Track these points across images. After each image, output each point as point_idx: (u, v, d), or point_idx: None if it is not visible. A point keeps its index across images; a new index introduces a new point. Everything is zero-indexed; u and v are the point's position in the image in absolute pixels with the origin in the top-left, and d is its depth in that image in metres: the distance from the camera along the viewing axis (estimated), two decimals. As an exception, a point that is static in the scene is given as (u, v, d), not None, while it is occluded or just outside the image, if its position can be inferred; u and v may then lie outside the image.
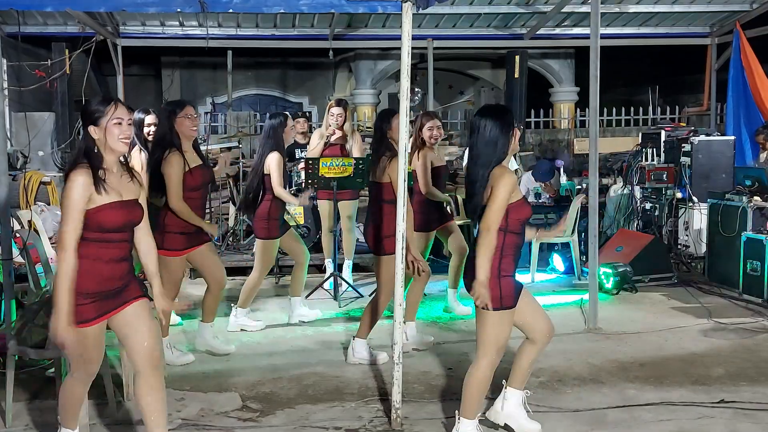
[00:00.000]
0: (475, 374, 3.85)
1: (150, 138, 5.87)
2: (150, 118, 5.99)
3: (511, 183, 3.70)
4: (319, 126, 7.76)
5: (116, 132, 3.36)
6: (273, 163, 5.96)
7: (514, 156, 8.07)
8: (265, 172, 6.00)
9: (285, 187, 6.10)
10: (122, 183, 3.43)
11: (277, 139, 6.03)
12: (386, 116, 5.32)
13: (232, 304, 6.26)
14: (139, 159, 5.74)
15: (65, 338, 3.30)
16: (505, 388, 4.09)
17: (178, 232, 5.16)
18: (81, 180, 3.28)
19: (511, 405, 4.08)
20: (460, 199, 8.38)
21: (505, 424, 4.10)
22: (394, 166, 5.05)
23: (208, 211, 6.73)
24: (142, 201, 3.55)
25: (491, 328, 3.76)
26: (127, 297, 3.48)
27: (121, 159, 3.49)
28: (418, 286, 5.72)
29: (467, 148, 3.99)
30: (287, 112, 6.40)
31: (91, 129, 3.37)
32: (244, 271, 8.38)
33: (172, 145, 5.10)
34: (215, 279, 5.41)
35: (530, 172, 9.42)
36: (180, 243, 5.18)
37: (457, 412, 3.91)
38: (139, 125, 5.84)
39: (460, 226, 6.75)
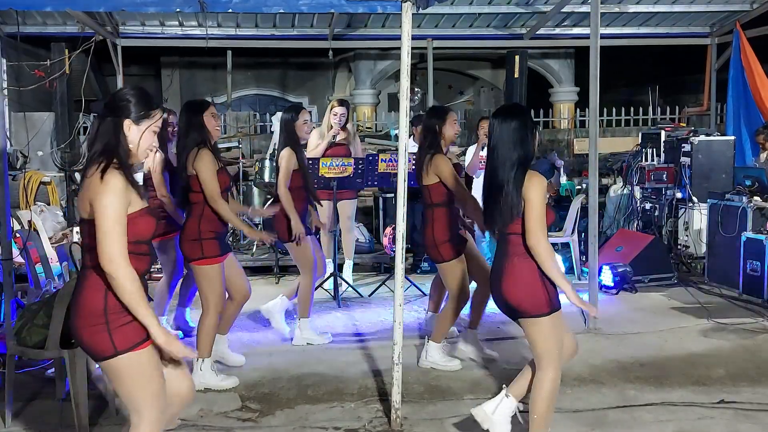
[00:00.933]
0: (542, 392, 3.58)
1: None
2: (174, 117, 5.83)
3: (544, 186, 3.53)
4: (319, 125, 7.73)
5: (150, 140, 2.99)
6: (282, 159, 5.64)
7: None
8: None
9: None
10: None
11: (289, 133, 5.67)
12: (441, 113, 5.12)
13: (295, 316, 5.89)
14: (152, 159, 5.54)
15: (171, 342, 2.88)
16: (506, 395, 3.81)
17: (214, 236, 4.75)
18: (121, 183, 2.82)
19: (502, 413, 3.80)
20: None
21: (487, 429, 3.81)
22: (438, 162, 4.97)
23: None
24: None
25: (549, 334, 3.57)
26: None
27: None
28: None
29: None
30: (300, 105, 6.07)
31: (128, 124, 2.92)
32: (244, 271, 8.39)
33: (203, 143, 4.76)
34: (241, 289, 5.06)
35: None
36: (217, 248, 4.76)
37: None
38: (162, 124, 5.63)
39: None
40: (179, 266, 5.75)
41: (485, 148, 6.38)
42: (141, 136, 2.95)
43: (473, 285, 5.25)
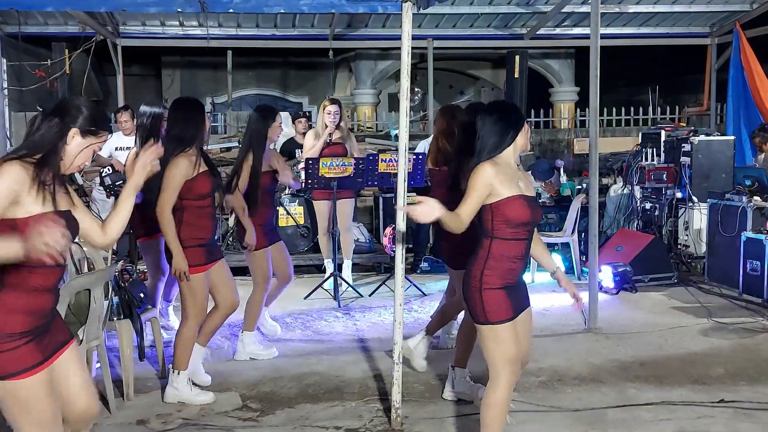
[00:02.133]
0: (490, 401, 3.38)
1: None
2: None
3: (487, 176, 3.32)
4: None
5: (85, 158, 2.84)
6: (246, 163, 5.33)
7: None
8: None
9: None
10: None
11: (260, 135, 5.32)
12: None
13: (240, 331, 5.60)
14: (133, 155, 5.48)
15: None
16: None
17: (197, 244, 4.47)
18: (17, 174, 2.64)
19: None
20: None
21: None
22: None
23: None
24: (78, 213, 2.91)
25: (488, 342, 3.35)
26: (60, 338, 2.86)
27: None
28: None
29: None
30: (273, 108, 5.68)
31: (73, 134, 2.79)
32: (245, 271, 8.40)
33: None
34: (227, 299, 4.75)
35: (529, 171, 9.42)
36: (201, 257, 4.48)
37: None
38: (158, 119, 5.44)
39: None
40: (163, 267, 5.55)
41: None
42: (80, 151, 2.83)
43: None
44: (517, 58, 9.91)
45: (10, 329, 2.65)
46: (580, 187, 9.38)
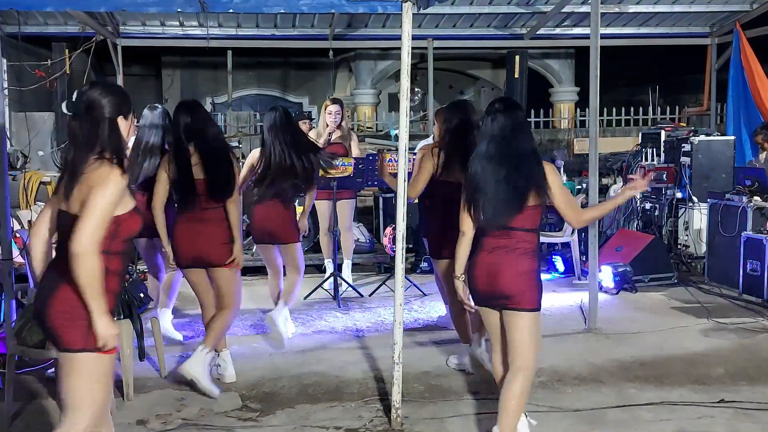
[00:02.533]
0: (517, 388, 3.64)
1: None
2: None
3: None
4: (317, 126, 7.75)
5: (129, 134, 3.07)
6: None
7: None
8: None
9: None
10: None
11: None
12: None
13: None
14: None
15: (112, 333, 2.86)
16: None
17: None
18: (121, 182, 2.88)
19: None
20: None
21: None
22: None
23: None
24: None
25: (536, 328, 3.66)
26: None
27: None
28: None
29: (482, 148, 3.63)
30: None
31: (121, 120, 2.99)
32: (243, 271, 8.39)
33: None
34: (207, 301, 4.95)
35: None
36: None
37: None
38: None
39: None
40: (159, 264, 5.69)
41: None
42: (127, 132, 3.03)
43: None
44: (517, 58, 9.91)
45: (106, 308, 2.86)
46: (580, 187, 9.38)
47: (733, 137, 8.99)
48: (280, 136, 5.51)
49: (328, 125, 7.39)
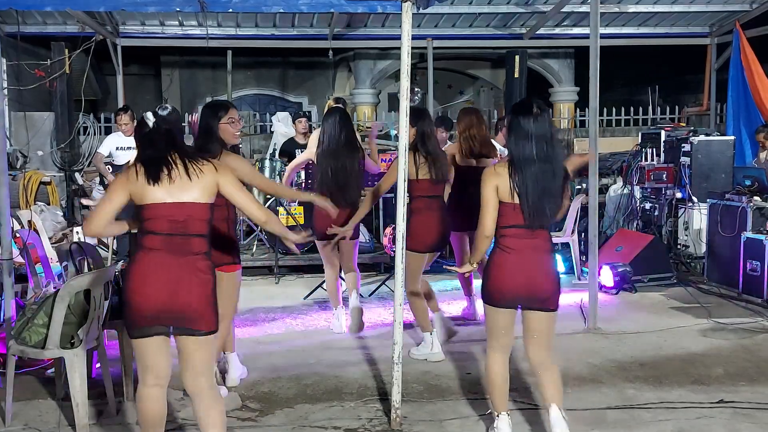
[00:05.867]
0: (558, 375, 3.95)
1: None
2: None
3: None
4: (319, 125, 7.73)
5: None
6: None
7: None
8: None
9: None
10: None
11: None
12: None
13: None
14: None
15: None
16: None
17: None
18: None
19: None
20: None
21: None
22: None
23: None
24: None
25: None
26: None
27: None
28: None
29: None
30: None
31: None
32: (243, 271, 8.38)
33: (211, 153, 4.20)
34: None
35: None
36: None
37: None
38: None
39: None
40: None
41: None
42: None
43: None
44: (517, 58, 9.92)
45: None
46: (579, 187, 9.38)
47: (733, 137, 8.99)
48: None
49: None
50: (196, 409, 3.45)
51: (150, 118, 3.38)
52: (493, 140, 6.50)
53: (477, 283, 4.78)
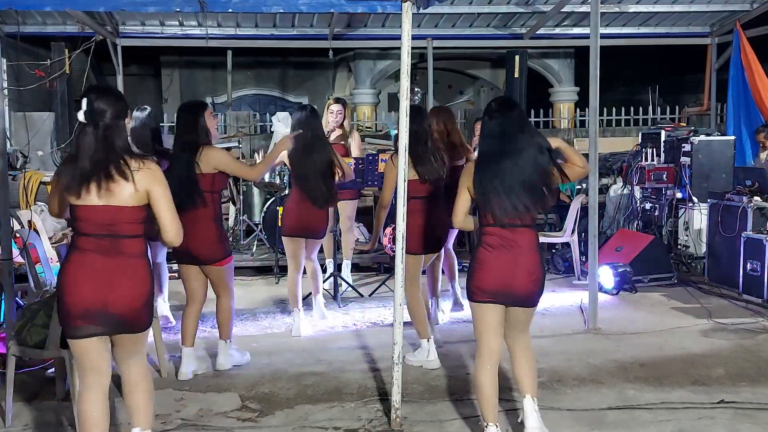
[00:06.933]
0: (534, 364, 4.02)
1: None
2: None
3: None
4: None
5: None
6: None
7: None
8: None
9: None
10: None
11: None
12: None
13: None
14: None
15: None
16: None
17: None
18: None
19: None
20: None
21: None
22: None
23: None
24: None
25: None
26: None
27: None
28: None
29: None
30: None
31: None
32: (243, 271, 8.40)
33: (204, 144, 4.89)
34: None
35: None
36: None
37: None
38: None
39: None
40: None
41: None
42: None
43: None
44: (517, 57, 9.90)
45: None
46: (579, 187, 9.37)
47: (733, 137, 8.98)
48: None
49: (329, 124, 7.38)
50: (124, 391, 3.53)
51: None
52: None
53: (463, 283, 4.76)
